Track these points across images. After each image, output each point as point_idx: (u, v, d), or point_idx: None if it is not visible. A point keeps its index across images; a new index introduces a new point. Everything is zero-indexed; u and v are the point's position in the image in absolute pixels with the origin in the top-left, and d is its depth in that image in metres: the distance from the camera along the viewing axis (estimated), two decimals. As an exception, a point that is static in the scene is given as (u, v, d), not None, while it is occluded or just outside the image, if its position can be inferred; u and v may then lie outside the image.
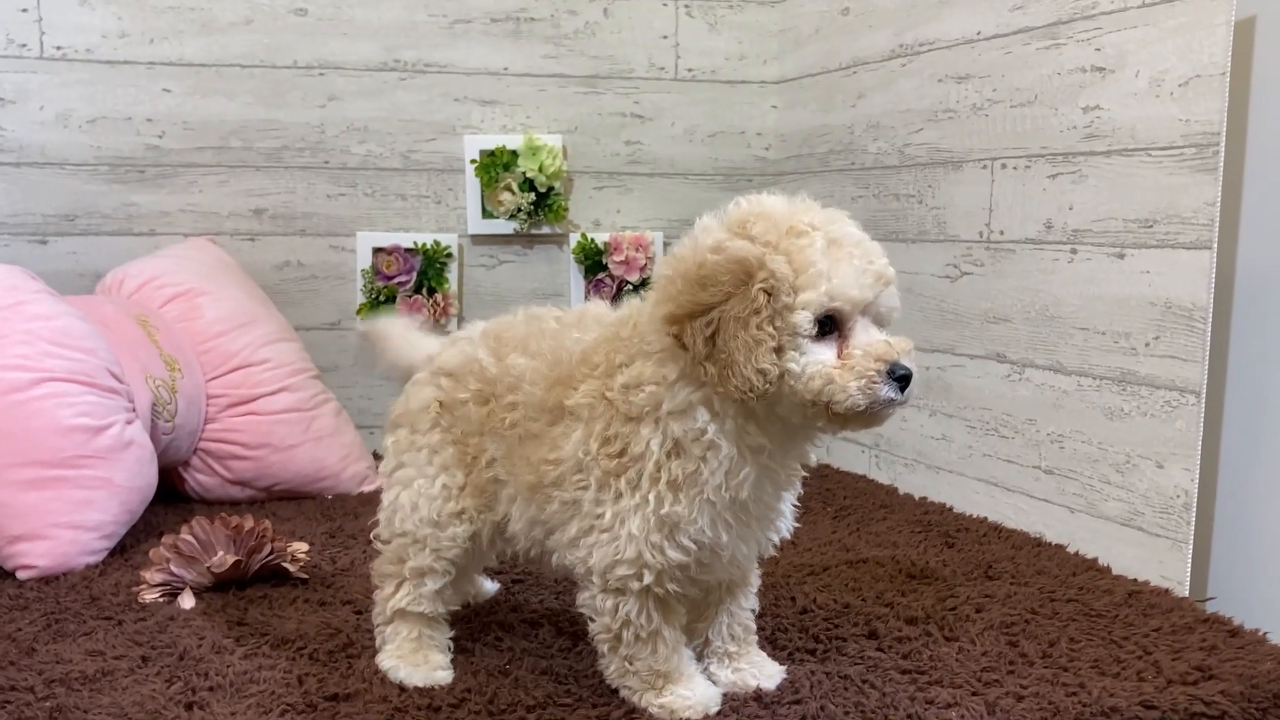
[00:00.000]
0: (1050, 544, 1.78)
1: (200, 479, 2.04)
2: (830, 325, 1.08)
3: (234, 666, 1.29)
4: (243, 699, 1.21)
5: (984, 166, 1.99)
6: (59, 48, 2.28)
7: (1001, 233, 1.96)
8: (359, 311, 2.44)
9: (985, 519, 1.93)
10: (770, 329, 1.05)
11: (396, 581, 1.29)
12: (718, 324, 1.05)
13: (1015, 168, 1.92)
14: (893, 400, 1.07)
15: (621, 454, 1.12)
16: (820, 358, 1.07)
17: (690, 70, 2.58)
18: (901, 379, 1.07)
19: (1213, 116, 1.58)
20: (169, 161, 2.37)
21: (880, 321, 1.11)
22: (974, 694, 1.23)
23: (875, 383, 1.06)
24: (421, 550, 1.27)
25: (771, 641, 1.37)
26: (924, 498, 2.10)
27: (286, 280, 2.44)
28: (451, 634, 1.33)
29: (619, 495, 1.12)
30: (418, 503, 1.27)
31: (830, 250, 1.07)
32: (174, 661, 1.30)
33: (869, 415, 1.08)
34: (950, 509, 2.02)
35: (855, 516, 1.97)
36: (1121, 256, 1.72)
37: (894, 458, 2.26)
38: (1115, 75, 1.72)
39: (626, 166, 2.58)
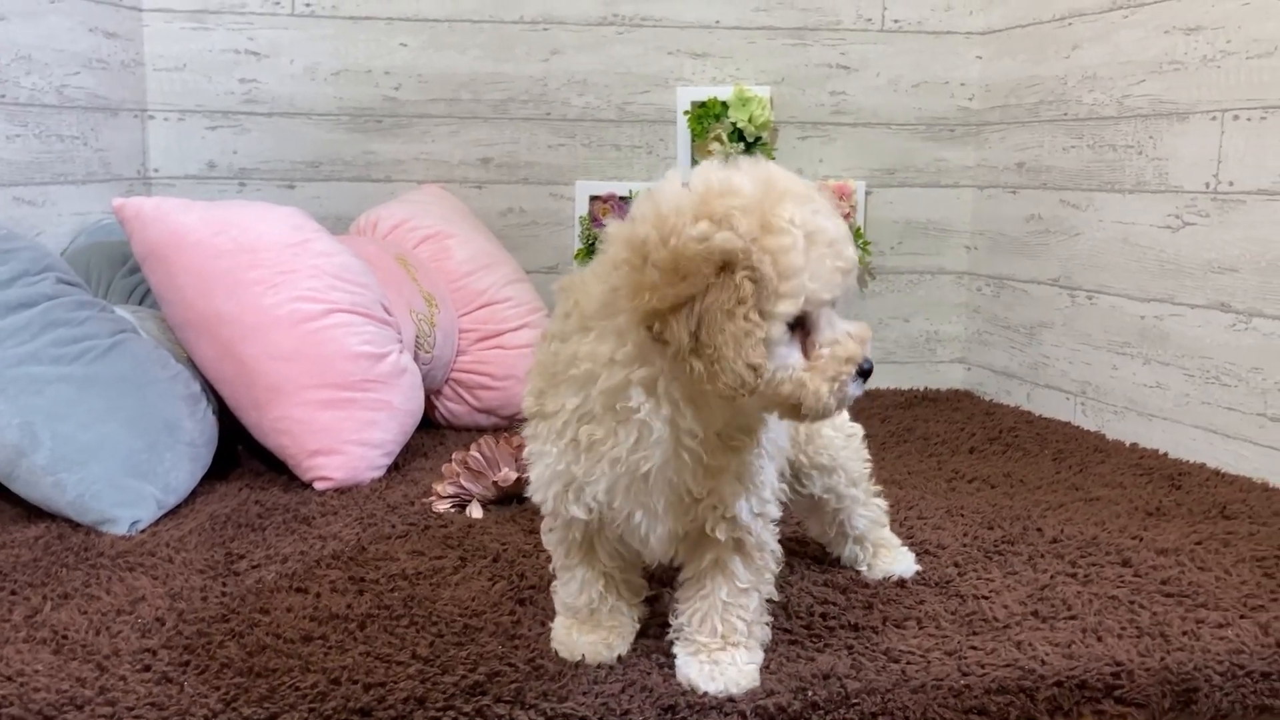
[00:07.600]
0: (1280, 489, 1.82)
1: (450, 406, 2.21)
2: (797, 322, 1.04)
3: (546, 569, 1.42)
4: (562, 595, 1.34)
5: (1213, 118, 2.01)
6: (308, 4, 2.45)
7: (1231, 184, 1.98)
8: (576, 256, 2.58)
9: (1204, 465, 1.98)
10: (756, 317, 0.99)
11: None
12: (701, 316, 0.98)
13: (1249, 119, 1.93)
14: (856, 396, 1.07)
15: (540, 398, 1.13)
16: (789, 361, 1.04)
17: (896, 21, 2.63)
18: (865, 373, 1.06)
19: None
20: (404, 112, 2.53)
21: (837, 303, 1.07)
22: (1242, 617, 1.30)
23: (846, 384, 1.05)
24: None
25: (1032, 565, 1.46)
26: (1134, 444, 2.15)
27: (509, 226, 2.58)
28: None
29: (534, 438, 1.15)
30: None
31: (809, 250, 1.01)
32: (489, 563, 1.45)
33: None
34: (1165, 455, 2.06)
35: (1074, 459, 2.03)
36: (1367, 207, 1.74)
37: (1102, 405, 2.31)
38: (1367, 25, 1.73)
39: (830, 116, 2.65)
